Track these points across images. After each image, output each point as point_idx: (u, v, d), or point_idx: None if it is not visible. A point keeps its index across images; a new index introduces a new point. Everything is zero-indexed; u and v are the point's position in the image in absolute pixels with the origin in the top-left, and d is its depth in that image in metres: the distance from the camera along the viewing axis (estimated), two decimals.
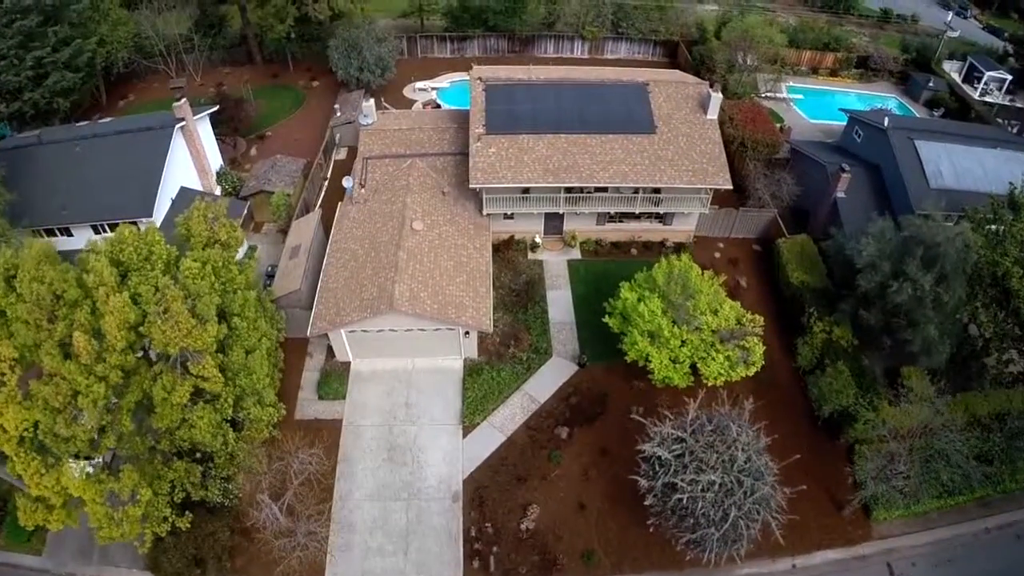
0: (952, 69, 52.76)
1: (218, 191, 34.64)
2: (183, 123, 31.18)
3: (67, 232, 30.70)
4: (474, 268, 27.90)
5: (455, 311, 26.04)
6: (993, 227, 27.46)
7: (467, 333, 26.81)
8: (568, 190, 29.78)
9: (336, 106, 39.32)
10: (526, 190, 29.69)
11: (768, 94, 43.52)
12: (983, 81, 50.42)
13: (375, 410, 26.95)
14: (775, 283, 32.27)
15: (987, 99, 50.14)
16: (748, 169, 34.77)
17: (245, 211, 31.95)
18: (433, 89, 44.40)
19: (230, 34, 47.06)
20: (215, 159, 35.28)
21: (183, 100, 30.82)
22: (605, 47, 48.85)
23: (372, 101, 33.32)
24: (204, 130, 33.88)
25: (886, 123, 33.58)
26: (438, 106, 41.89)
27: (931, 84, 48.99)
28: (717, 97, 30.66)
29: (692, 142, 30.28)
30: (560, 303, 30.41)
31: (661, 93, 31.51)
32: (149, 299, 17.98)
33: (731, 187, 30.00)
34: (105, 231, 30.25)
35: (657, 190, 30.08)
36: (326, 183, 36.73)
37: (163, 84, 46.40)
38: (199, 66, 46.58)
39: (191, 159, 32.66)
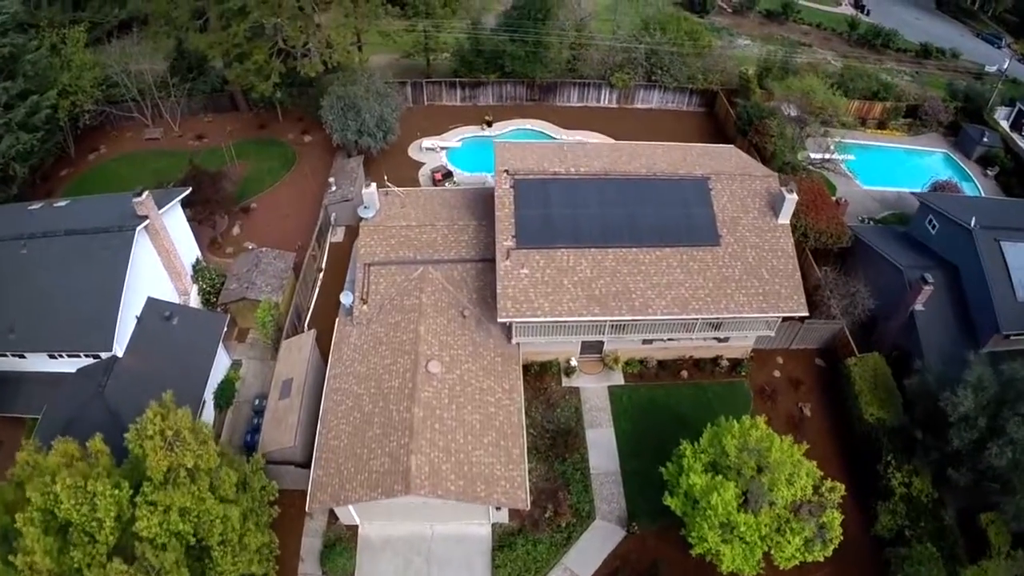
0: (1000, 116, 48.36)
1: (194, 292, 29.32)
2: (147, 222, 25.83)
3: (19, 353, 25.53)
4: (504, 421, 23.03)
5: (484, 487, 21.23)
6: None
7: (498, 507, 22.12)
8: None
9: (331, 179, 33.91)
10: None
11: (825, 156, 38.55)
12: None
13: None
14: (842, 408, 27.87)
15: None
16: (814, 272, 30.13)
17: (225, 326, 26.74)
18: (442, 149, 39.07)
19: (212, 76, 41.32)
20: (190, 251, 29.89)
21: (145, 195, 25.39)
22: (636, 96, 43.54)
23: (374, 187, 27.95)
24: (175, 220, 28.45)
25: (972, 223, 28.93)
26: (449, 173, 36.63)
27: (986, 139, 44.46)
28: (791, 199, 25.79)
29: (762, 255, 25.47)
30: (602, 446, 25.66)
31: (725, 190, 26.56)
32: None
33: (807, 313, 25.36)
34: (62, 356, 25.15)
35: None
36: (320, 275, 31.52)
37: (137, 133, 40.93)
38: (177, 113, 40.96)
39: (160, 259, 27.34)
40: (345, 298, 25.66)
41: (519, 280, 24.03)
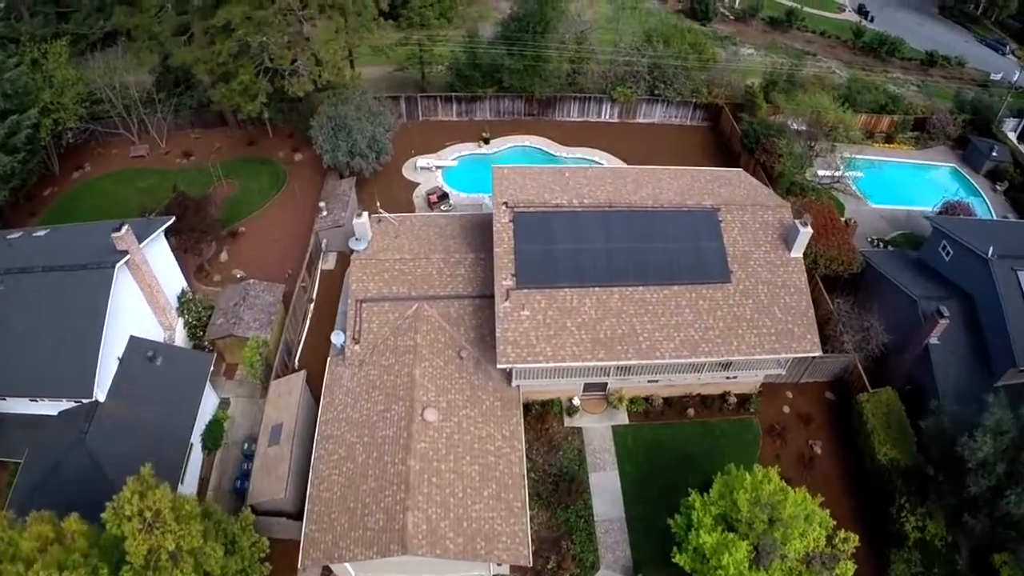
0: (1009, 128, 47.37)
1: (179, 327, 28.03)
2: (127, 257, 24.54)
3: None
4: (504, 471, 21.92)
5: (484, 543, 20.15)
6: None
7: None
8: None
9: (321, 204, 32.56)
10: None
11: (834, 174, 37.36)
12: None
13: None
14: (853, 445, 26.90)
15: None
16: (825, 301, 29.08)
17: (211, 365, 25.51)
18: (437, 168, 37.82)
19: (199, 91, 39.85)
20: (175, 282, 28.54)
21: (124, 228, 24.05)
22: (638, 110, 42.27)
23: (365, 217, 26.60)
24: (158, 251, 27.09)
25: (990, 252, 27.94)
26: (445, 195, 35.39)
27: (995, 153, 43.44)
28: (806, 233, 24.72)
29: (774, 292, 24.38)
30: (606, 491, 24.58)
31: (735, 222, 25.43)
32: None
33: (820, 352, 24.31)
34: (43, 399, 23.89)
35: None
36: (311, 307, 30.31)
37: (123, 150, 39.51)
38: (163, 130, 39.56)
39: (142, 294, 26.06)
40: (336, 338, 24.50)
41: (519, 323, 22.86)
